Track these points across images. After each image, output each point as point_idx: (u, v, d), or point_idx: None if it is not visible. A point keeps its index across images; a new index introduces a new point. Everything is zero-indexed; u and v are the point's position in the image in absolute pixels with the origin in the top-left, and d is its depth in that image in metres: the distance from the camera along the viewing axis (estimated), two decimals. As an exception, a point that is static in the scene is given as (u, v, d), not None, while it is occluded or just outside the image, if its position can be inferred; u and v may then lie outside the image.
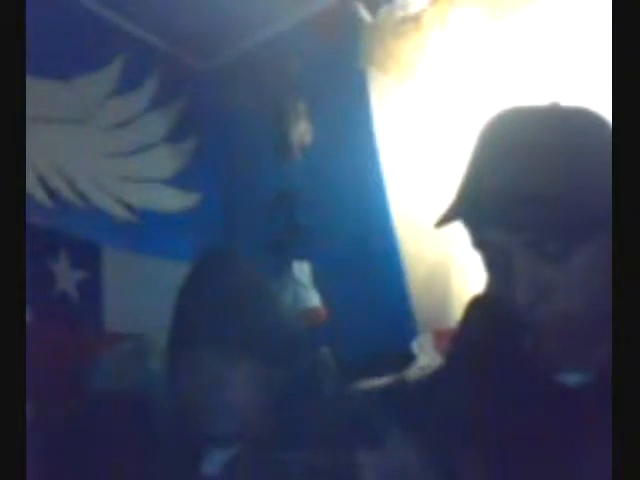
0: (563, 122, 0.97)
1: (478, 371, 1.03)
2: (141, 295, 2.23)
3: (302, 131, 2.54)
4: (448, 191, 2.26)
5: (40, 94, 2.22)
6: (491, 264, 0.99)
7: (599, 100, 1.79)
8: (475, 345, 1.07)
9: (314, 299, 2.34)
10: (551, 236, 0.91)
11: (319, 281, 2.38)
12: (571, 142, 0.94)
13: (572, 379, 0.96)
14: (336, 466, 1.23)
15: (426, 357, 2.01)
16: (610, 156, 0.89)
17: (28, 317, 1.87)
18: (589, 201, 0.90)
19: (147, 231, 2.49)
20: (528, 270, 0.93)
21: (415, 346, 2.06)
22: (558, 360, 0.96)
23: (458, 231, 2.17)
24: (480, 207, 0.95)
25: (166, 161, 2.66)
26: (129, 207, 2.48)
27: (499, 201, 0.93)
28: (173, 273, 1.50)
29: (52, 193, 2.25)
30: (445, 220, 0.99)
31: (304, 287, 2.36)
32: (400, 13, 2.31)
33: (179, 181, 2.67)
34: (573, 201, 0.90)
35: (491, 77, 2.14)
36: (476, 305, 1.11)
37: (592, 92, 1.88)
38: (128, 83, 2.57)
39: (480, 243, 0.99)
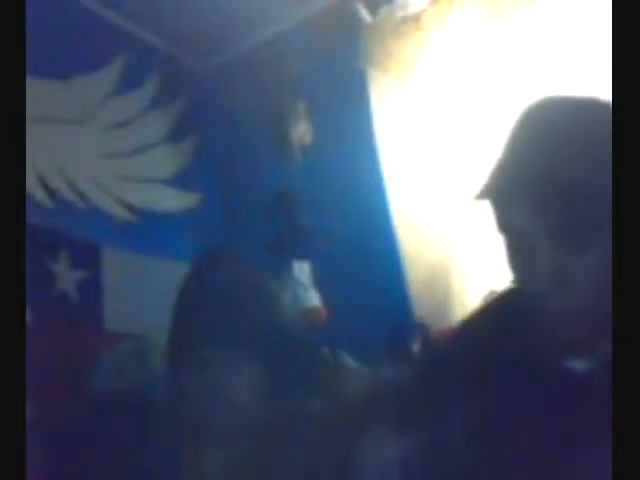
0: (601, 115, 0.97)
1: (481, 364, 1.03)
2: (141, 295, 2.23)
3: (302, 131, 2.54)
4: (448, 191, 2.26)
5: (40, 94, 2.22)
6: (513, 248, 0.99)
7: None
8: (478, 338, 1.07)
9: (314, 299, 2.34)
10: (575, 225, 0.92)
11: (319, 281, 2.38)
12: (606, 135, 0.94)
13: (578, 366, 0.97)
14: (335, 466, 1.23)
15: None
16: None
17: (28, 317, 1.87)
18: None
19: (147, 231, 2.49)
20: (549, 257, 0.93)
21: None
22: (565, 348, 0.97)
23: (458, 231, 2.17)
24: (510, 189, 0.96)
25: (166, 161, 2.66)
26: (129, 207, 2.48)
27: (528, 184, 0.94)
28: (173, 273, 1.50)
29: (52, 193, 2.25)
30: (480, 197, 0.99)
31: (304, 287, 2.36)
32: (400, 13, 2.31)
33: (179, 181, 2.67)
34: (600, 193, 0.90)
35: (491, 77, 2.14)
36: (483, 303, 1.11)
37: (592, 91, 1.87)
38: (128, 83, 2.57)
39: (506, 227, 0.99)
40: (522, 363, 0.99)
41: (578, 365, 0.97)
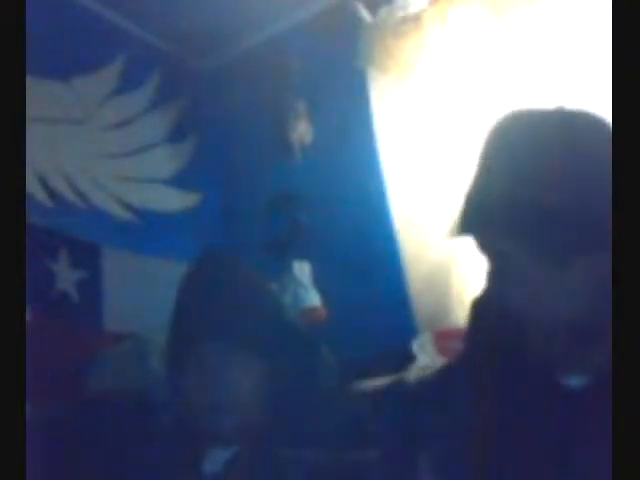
0: (567, 126, 0.97)
1: (480, 372, 1.03)
2: (141, 295, 2.23)
3: (302, 131, 2.54)
4: (448, 191, 2.26)
5: (40, 94, 2.22)
6: (494, 269, 0.99)
7: (599, 99, 1.79)
8: (478, 347, 1.07)
9: (314, 299, 2.34)
10: (553, 243, 0.91)
11: (319, 281, 2.38)
12: (575, 146, 0.94)
13: (574, 382, 0.96)
14: (336, 464, 1.23)
15: (426, 357, 2.01)
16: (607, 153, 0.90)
17: (28, 317, 1.86)
18: (591, 208, 0.89)
19: (147, 231, 2.49)
20: (530, 277, 0.93)
21: (415, 346, 2.06)
22: (558, 363, 0.96)
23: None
24: (485, 214, 0.95)
25: (166, 161, 2.66)
26: (129, 207, 2.48)
27: (502, 207, 0.93)
28: (173, 273, 1.50)
29: (52, 193, 2.25)
30: (454, 232, 1.00)
31: (304, 287, 2.36)
32: (400, 13, 2.31)
33: (179, 181, 2.67)
34: (574, 208, 0.89)
35: (491, 77, 2.14)
36: (478, 308, 1.10)
37: (592, 91, 1.88)
38: (128, 83, 2.58)
39: (484, 249, 0.99)
40: (518, 381, 0.99)
41: (575, 381, 0.97)
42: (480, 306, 1.09)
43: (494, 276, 1.00)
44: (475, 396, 1.01)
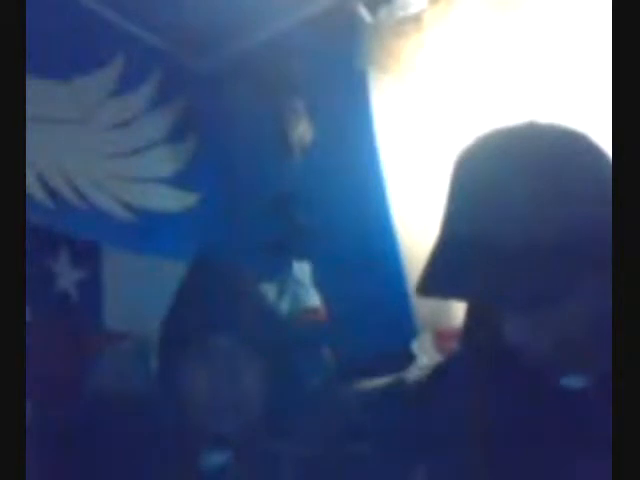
0: (541, 146, 0.92)
1: (479, 372, 1.03)
2: (141, 295, 2.23)
3: (302, 131, 2.54)
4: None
5: (40, 94, 2.22)
6: (478, 319, 0.96)
7: (599, 98, 1.79)
8: (475, 346, 1.06)
9: (314, 299, 2.34)
10: (543, 286, 0.85)
11: (319, 281, 2.38)
12: (552, 167, 0.89)
13: (574, 383, 0.96)
14: (333, 462, 1.23)
15: (426, 357, 2.01)
16: (593, 168, 0.89)
17: (28, 317, 1.87)
18: (580, 236, 0.83)
19: (147, 231, 2.49)
20: (520, 324, 0.90)
21: (415, 346, 2.06)
22: (557, 366, 0.96)
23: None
24: (461, 262, 0.89)
25: (166, 161, 2.66)
26: (129, 207, 2.48)
27: (480, 255, 0.86)
28: (173, 273, 1.51)
29: (52, 193, 2.25)
30: (422, 291, 0.93)
31: (304, 287, 2.36)
32: (400, 13, 2.31)
33: (179, 181, 2.67)
34: (562, 242, 0.83)
35: (491, 77, 2.14)
36: (475, 307, 1.09)
37: (592, 91, 1.88)
38: (128, 83, 2.57)
39: (464, 299, 0.95)
40: (516, 382, 0.98)
41: (574, 382, 0.96)
42: (477, 305, 1.08)
43: (478, 326, 0.96)
44: (473, 396, 1.01)
